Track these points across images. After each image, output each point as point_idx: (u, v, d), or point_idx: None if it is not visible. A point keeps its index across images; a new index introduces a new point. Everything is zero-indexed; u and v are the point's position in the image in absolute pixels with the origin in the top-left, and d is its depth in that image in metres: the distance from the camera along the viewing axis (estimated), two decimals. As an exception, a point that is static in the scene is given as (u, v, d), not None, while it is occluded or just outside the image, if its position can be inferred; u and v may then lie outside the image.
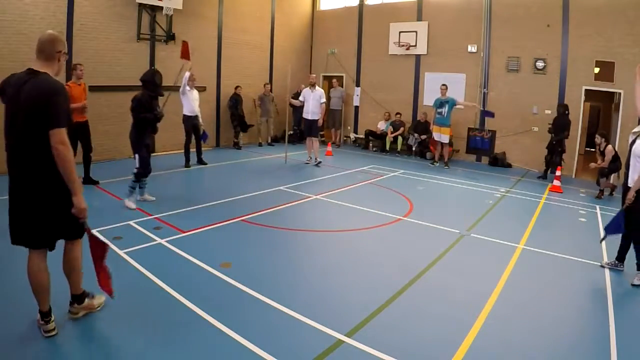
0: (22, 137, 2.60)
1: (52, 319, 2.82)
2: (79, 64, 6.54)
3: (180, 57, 6.87)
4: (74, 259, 2.94)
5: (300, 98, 9.77)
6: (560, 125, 8.71)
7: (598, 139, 8.05)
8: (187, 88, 8.54)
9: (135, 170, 5.76)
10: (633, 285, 4.15)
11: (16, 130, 2.61)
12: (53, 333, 2.81)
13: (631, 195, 4.21)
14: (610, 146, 7.83)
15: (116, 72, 8.94)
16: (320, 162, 9.61)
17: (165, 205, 5.90)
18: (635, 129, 4.45)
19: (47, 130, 2.55)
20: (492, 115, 10.16)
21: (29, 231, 2.70)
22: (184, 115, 8.68)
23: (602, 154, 7.92)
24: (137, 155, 5.68)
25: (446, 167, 10.09)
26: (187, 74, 8.32)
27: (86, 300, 3.10)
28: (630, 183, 4.31)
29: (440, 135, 10.06)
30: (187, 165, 8.73)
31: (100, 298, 3.20)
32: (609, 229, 4.45)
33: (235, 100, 11.23)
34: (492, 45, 10.77)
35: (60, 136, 2.56)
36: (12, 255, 3.19)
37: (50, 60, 2.72)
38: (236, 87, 11.31)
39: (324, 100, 9.59)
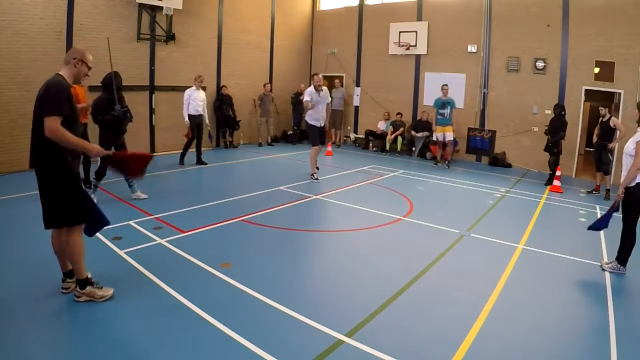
0: (34, 127, 3.01)
1: (69, 280, 3.40)
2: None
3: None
4: (63, 244, 3.22)
5: (307, 98, 7.88)
6: (556, 126, 8.68)
7: (603, 110, 7.85)
8: (192, 88, 8.72)
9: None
10: (603, 269, 4.44)
11: (34, 121, 3.03)
12: (66, 291, 3.40)
13: (620, 191, 4.28)
14: (615, 119, 7.48)
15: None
16: (316, 180, 8.05)
17: (165, 205, 5.90)
18: None
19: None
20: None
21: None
22: (188, 114, 8.78)
23: (603, 127, 7.76)
24: None
25: (446, 167, 10.08)
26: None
27: (88, 287, 3.29)
28: None
29: (445, 134, 9.98)
30: (181, 162, 8.81)
31: (107, 291, 3.37)
32: (596, 224, 4.55)
33: (220, 100, 11.06)
34: (492, 45, 10.77)
35: (48, 124, 2.89)
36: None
37: (67, 64, 3.21)
38: (222, 87, 11.18)
39: (329, 100, 8.29)
